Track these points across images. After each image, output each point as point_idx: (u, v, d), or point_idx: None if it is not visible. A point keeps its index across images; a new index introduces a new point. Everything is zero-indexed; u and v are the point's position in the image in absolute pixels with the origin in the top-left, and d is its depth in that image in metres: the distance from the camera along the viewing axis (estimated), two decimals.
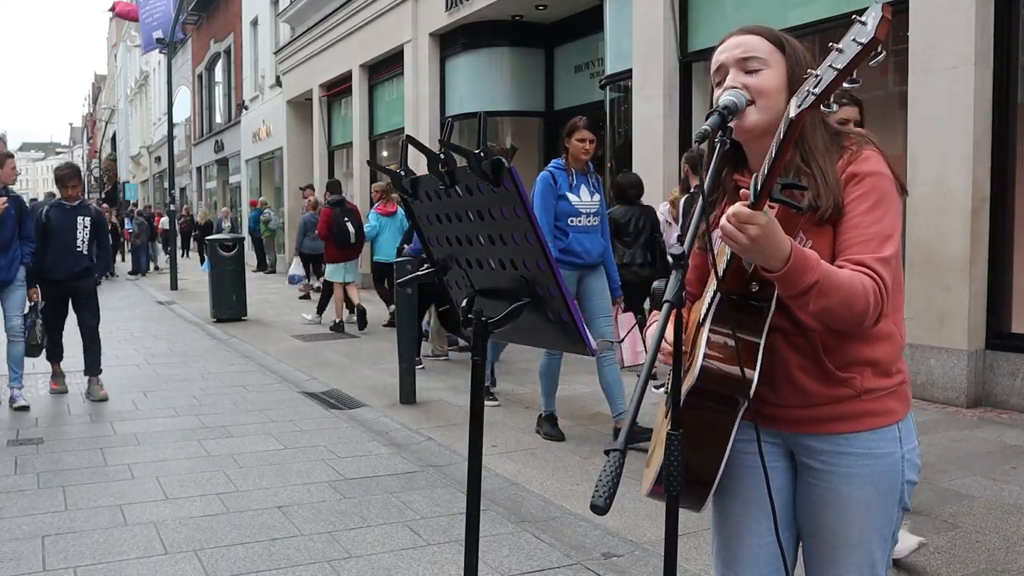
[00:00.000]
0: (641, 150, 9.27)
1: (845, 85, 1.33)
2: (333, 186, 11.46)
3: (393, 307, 9.92)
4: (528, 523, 3.87)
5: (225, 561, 3.46)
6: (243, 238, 12.38)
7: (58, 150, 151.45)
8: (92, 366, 6.78)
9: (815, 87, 1.34)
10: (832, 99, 1.36)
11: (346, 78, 17.67)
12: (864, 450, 1.65)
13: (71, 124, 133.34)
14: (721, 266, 1.58)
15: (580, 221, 5.18)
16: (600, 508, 1.28)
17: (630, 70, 9.45)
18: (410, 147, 1.85)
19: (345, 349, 9.12)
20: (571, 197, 5.15)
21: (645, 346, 1.87)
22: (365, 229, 10.55)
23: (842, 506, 1.67)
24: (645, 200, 6.99)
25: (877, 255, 1.56)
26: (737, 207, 1.43)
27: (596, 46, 11.63)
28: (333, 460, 4.93)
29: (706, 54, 8.66)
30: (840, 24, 7.05)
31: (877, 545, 1.68)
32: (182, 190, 36.99)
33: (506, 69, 13.46)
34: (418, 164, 1.71)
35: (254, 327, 11.03)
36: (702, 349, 1.55)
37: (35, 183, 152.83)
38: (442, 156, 1.68)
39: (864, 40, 1.28)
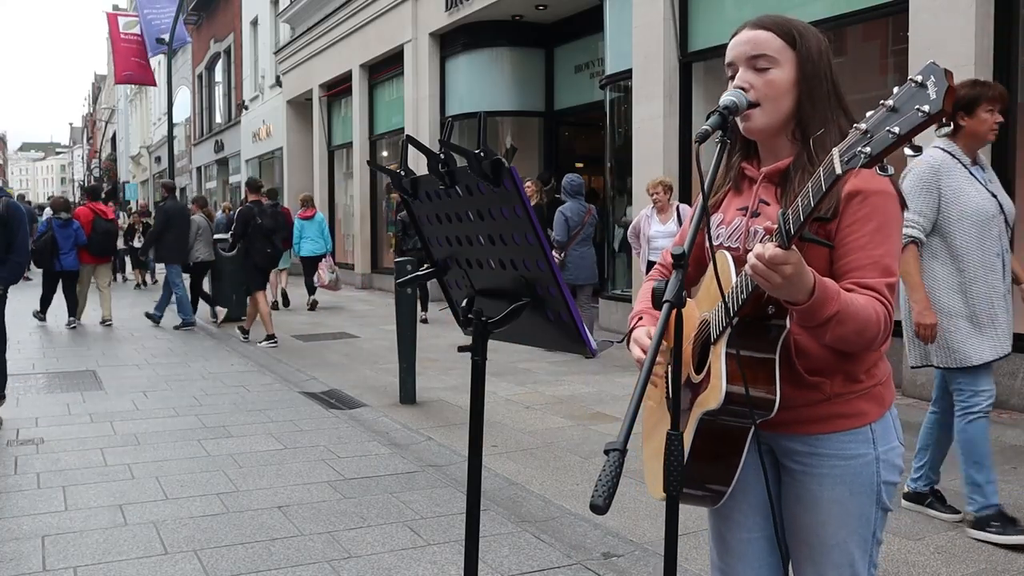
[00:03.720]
0: (641, 150, 9.28)
1: (907, 152, 1.26)
2: (270, 193, 13.52)
3: (313, 298, 13.11)
4: (528, 523, 3.87)
5: (225, 561, 3.46)
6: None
7: (58, 150, 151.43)
8: None
9: (866, 146, 1.27)
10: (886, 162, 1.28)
11: (346, 78, 17.68)
12: (835, 451, 1.66)
13: (71, 124, 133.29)
14: (740, 290, 1.56)
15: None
16: (600, 508, 1.28)
17: (630, 70, 9.45)
18: (410, 147, 1.85)
19: (345, 349, 9.13)
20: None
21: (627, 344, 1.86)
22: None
23: (816, 506, 1.68)
24: (641, 200, 7.01)
25: (886, 280, 1.56)
26: (770, 249, 1.40)
27: (596, 46, 11.64)
28: (333, 460, 4.93)
29: (706, 54, 8.68)
30: (841, 24, 7.07)
31: (856, 545, 1.68)
32: (182, 190, 36.98)
33: (506, 69, 13.47)
34: (418, 164, 1.71)
35: (254, 327, 11.03)
36: (723, 373, 1.53)
37: (35, 183, 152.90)
38: (442, 156, 1.68)
39: (929, 110, 1.21)
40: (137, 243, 19.52)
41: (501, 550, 3.56)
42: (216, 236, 12.17)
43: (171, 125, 21.48)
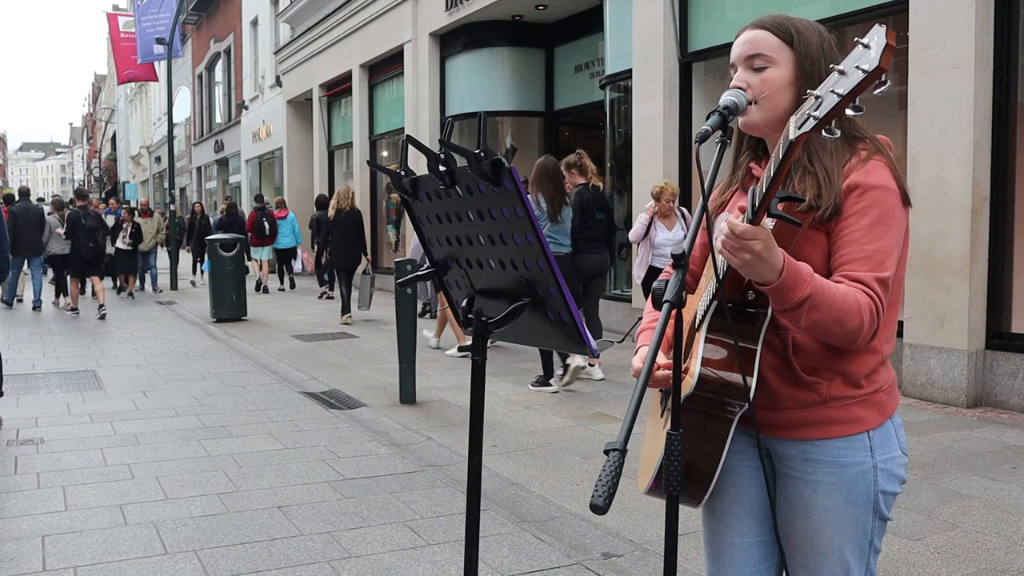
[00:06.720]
0: (641, 150, 9.28)
1: (848, 112, 1.29)
2: (257, 197, 17.88)
3: (289, 276, 16.78)
4: (528, 523, 3.87)
5: (225, 561, 3.46)
6: (243, 238, 12.39)
7: (58, 150, 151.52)
8: None
9: (815, 110, 1.31)
10: (834, 124, 1.32)
11: (346, 78, 17.67)
12: (829, 458, 1.63)
13: (71, 124, 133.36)
14: (720, 269, 1.57)
15: None
16: (600, 508, 1.28)
17: (630, 70, 9.45)
18: (410, 147, 1.85)
19: (345, 349, 9.13)
20: None
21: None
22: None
23: (809, 512, 1.65)
24: (641, 200, 7.02)
25: (876, 274, 1.53)
26: (739, 224, 1.40)
27: (596, 46, 11.64)
28: (333, 460, 4.93)
29: (706, 54, 8.68)
30: (840, 24, 7.06)
31: (851, 553, 1.65)
32: (182, 190, 37.00)
33: (506, 69, 13.47)
34: (418, 164, 1.71)
35: (254, 327, 11.04)
36: (699, 356, 1.54)
37: (35, 183, 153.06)
38: (442, 156, 1.68)
39: (868, 68, 1.25)
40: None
41: (501, 550, 3.56)
42: (212, 237, 12.19)
43: (171, 125, 21.44)
